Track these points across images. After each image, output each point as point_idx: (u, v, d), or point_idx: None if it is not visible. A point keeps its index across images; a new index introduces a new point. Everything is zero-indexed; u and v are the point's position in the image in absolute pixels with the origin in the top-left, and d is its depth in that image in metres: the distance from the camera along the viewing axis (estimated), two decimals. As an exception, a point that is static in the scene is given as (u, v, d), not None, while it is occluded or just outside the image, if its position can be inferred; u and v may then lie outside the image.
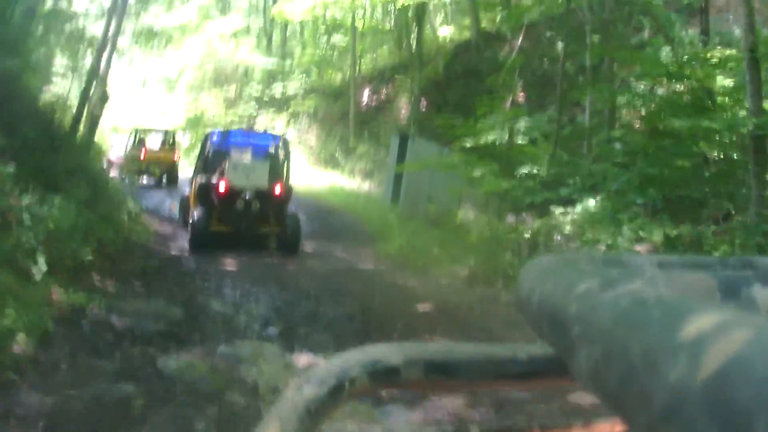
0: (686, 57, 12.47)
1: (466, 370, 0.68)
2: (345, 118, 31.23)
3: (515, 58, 21.87)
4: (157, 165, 24.48)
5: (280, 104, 34.28)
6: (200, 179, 13.44)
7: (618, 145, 13.50)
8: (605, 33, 15.80)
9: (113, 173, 21.65)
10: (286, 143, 15.36)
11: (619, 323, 0.42)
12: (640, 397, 0.37)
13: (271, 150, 14.78)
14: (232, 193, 12.60)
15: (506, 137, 15.09)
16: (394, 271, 12.59)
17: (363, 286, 10.93)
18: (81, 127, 15.61)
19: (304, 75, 35.50)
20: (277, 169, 13.87)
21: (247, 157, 13.47)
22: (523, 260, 10.10)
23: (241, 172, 12.78)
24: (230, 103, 35.14)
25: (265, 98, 35.04)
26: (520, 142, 15.18)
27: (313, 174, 28.18)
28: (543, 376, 0.69)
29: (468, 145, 15.38)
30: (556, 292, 0.54)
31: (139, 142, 25.26)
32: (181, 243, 13.86)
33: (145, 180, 24.64)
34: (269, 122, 33.37)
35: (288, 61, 35.96)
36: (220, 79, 36.47)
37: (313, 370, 0.66)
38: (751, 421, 0.29)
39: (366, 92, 31.83)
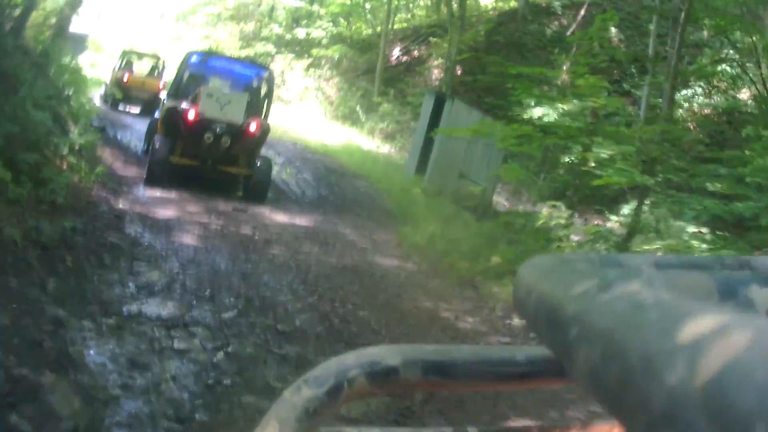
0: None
1: (465, 372, 0.67)
2: (370, 74, 28.14)
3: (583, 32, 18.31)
4: (142, 92, 21.47)
5: (302, 49, 30.26)
6: (170, 103, 11.87)
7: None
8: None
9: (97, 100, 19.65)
10: (271, 77, 13.84)
11: (617, 325, 0.40)
12: (638, 399, 0.35)
13: (254, 82, 13.33)
14: (202, 124, 11.09)
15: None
16: (428, 278, 8.77)
17: (385, 313, 6.99)
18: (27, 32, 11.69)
19: (332, 23, 31.39)
20: (256, 104, 12.59)
21: (225, 86, 11.98)
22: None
23: (216, 102, 11.20)
24: (247, 41, 31.05)
25: (285, 40, 31.02)
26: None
27: (329, 128, 24.87)
28: (541, 377, 0.68)
29: (527, 116, 12.89)
30: (554, 292, 0.52)
31: (126, 66, 22.65)
32: (136, 191, 10.70)
33: (127, 108, 22.11)
34: (286, 65, 29.56)
35: (315, 6, 31.92)
36: (239, 15, 32.33)
37: (312, 370, 0.64)
38: (751, 425, 0.28)
39: (396, 50, 29.28)
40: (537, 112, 12.91)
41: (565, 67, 21.30)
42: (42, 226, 7.00)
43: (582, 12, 25.28)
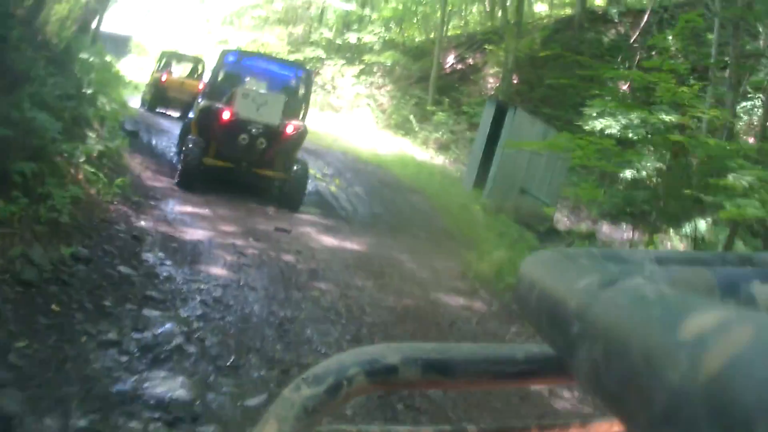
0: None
1: (464, 370, 0.66)
2: (424, 82, 27.10)
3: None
4: (181, 94, 19.99)
5: (352, 55, 28.81)
6: (204, 103, 11.39)
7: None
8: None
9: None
10: (309, 77, 13.21)
11: (619, 321, 0.40)
12: (640, 397, 0.35)
13: (292, 83, 12.73)
14: (237, 125, 10.72)
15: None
16: (503, 324, 7.21)
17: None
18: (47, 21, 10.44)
19: (383, 28, 29.89)
20: (294, 105, 11.75)
21: (262, 86, 11.64)
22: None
23: (252, 103, 10.76)
24: (296, 45, 29.64)
25: (335, 45, 29.57)
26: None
27: (381, 137, 23.48)
28: (541, 375, 0.68)
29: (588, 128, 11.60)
30: (556, 288, 0.52)
31: (164, 67, 21.47)
32: (164, 205, 9.30)
33: (165, 110, 20.89)
34: (336, 72, 28.03)
35: (367, 10, 30.47)
36: (287, 18, 30.94)
37: (311, 369, 0.64)
38: (753, 421, 0.28)
39: (450, 57, 28.01)
40: (598, 123, 11.75)
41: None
42: (33, 255, 5.51)
43: (645, 18, 23.62)
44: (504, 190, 15.50)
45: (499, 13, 28.57)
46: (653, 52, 21.24)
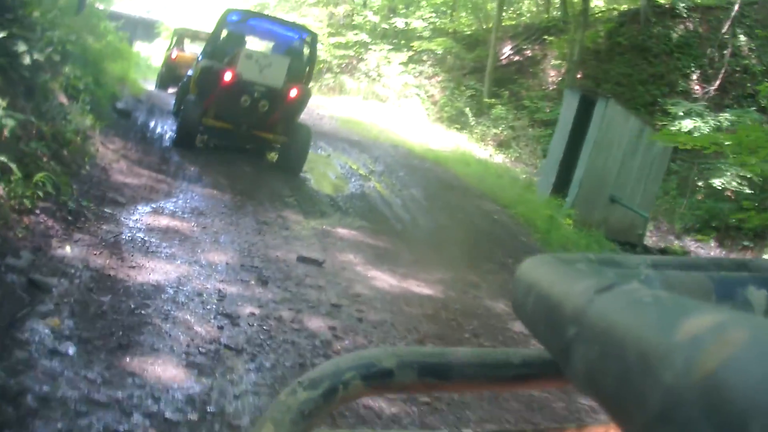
0: None
1: (460, 374, 0.65)
2: (478, 73, 23.68)
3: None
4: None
5: (399, 41, 25.25)
6: (205, 63, 10.65)
7: None
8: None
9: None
10: (314, 40, 12.18)
11: (614, 324, 0.40)
12: (635, 399, 0.35)
13: (297, 45, 12.00)
14: (239, 86, 9.97)
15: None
16: None
17: None
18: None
19: (434, 14, 26.19)
20: (298, 68, 10.98)
21: (266, 47, 12.13)
22: None
23: (255, 64, 10.05)
24: (336, 28, 26.00)
25: (381, 30, 25.98)
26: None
27: (433, 131, 19.84)
28: (537, 379, 0.67)
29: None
30: (552, 292, 0.51)
31: (176, 45, 19.33)
32: (125, 213, 6.12)
33: (175, 89, 18.59)
34: (382, 59, 24.37)
35: (417, -6, 26.96)
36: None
37: (307, 373, 0.62)
38: (747, 422, 0.28)
39: (507, 48, 24.92)
40: (687, 123, 11.26)
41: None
42: None
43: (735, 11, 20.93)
44: (591, 198, 12.56)
45: (556, 4, 25.96)
46: (725, 51, 20.49)
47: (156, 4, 36.52)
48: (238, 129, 10.51)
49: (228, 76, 10.04)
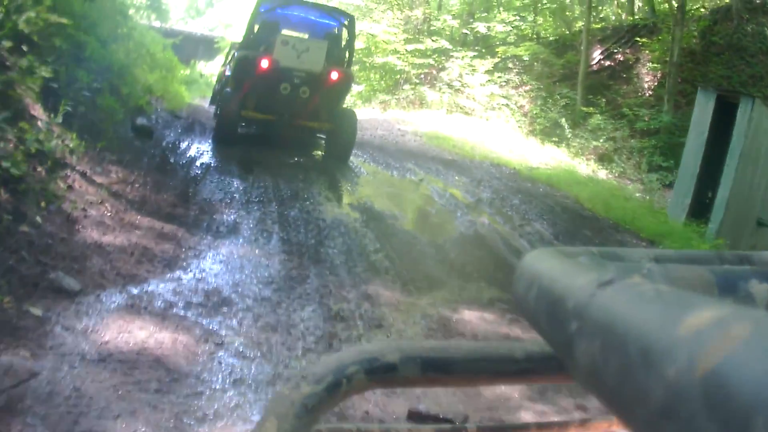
0: None
1: (463, 368, 0.65)
2: (568, 80, 21.74)
3: None
4: None
5: (481, 48, 23.21)
6: (241, 53, 10.31)
7: None
8: None
9: None
10: (352, 23, 11.57)
11: (616, 319, 0.40)
12: (638, 393, 0.35)
13: (334, 30, 11.54)
14: (277, 74, 9.68)
15: None
16: None
17: None
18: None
19: (517, 16, 24.08)
20: (337, 52, 10.80)
21: (302, 32, 11.52)
22: None
23: (292, 50, 9.76)
24: (413, 34, 23.99)
25: (458, 36, 23.98)
26: None
27: (528, 146, 17.50)
28: (540, 373, 0.67)
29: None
30: (554, 286, 0.51)
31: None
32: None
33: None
34: (465, 67, 22.18)
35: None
36: (401, 2, 25.20)
37: (310, 366, 0.61)
38: (750, 417, 0.28)
39: (596, 53, 23.02)
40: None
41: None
42: None
43: None
44: (738, 223, 10.48)
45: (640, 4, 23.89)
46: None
47: (220, 21, 35.69)
48: (280, 119, 10.10)
49: (265, 64, 9.66)
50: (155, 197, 6.30)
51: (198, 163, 8.45)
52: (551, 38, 24.32)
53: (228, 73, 11.72)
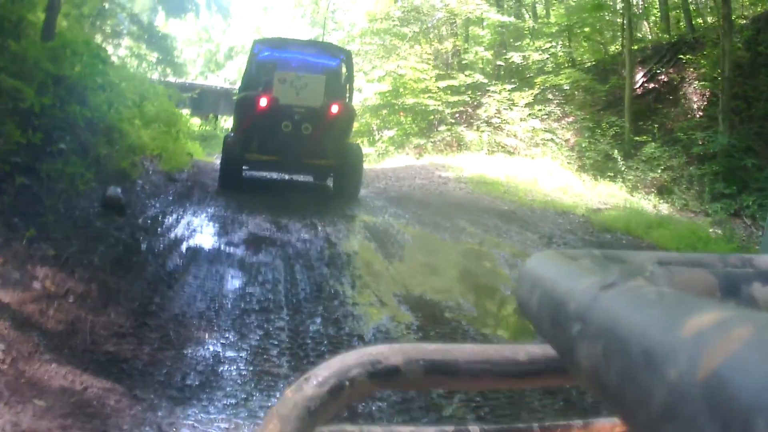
0: None
1: (466, 371, 0.66)
2: (611, 107, 20.53)
3: None
4: None
5: (518, 79, 22.02)
6: (239, 95, 10.93)
7: None
8: None
9: None
10: (349, 58, 12.00)
11: (619, 321, 0.40)
12: (640, 395, 0.36)
13: (332, 65, 11.74)
14: (277, 112, 9.79)
15: None
16: None
17: None
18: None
19: (553, 42, 22.87)
20: (336, 87, 10.92)
21: (299, 69, 10.87)
22: None
23: (290, 87, 9.85)
24: (444, 69, 22.70)
25: (491, 69, 22.83)
26: None
27: (582, 185, 16.17)
28: (543, 375, 0.68)
29: None
30: (557, 289, 0.52)
31: None
32: None
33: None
34: (504, 101, 20.99)
35: (530, 21, 23.75)
36: (425, 34, 23.99)
37: (314, 369, 0.63)
38: (752, 419, 0.29)
39: (638, 75, 21.66)
40: None
41: None
42: None
43: None
44: None
45: (678, 22, 22.79)
46: None
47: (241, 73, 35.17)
48: (285, 159, 10.14)
49: (264, 102, 9.77)
50: (94, 321, 4.22)
51: (180, 249, 6.57)
52: (588, 63, 23.09)
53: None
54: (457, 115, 21.71)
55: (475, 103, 21.44)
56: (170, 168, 10.56)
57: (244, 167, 10.26)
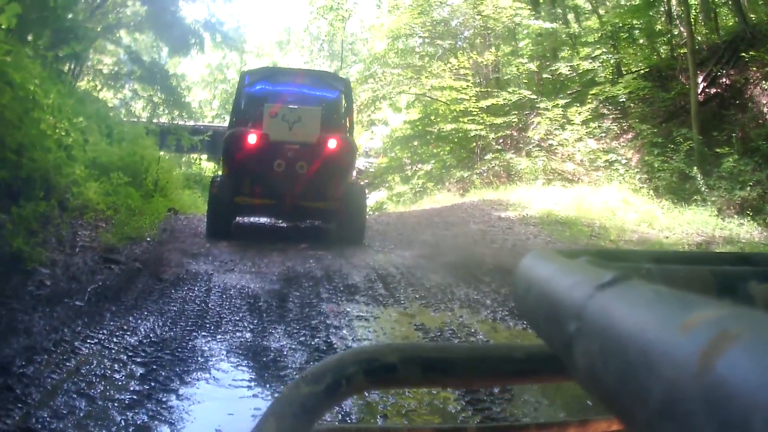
0: None
1: (463, 369, 0.67)
2: (675, 117, 18.82)
3: None
4: None
5: (568, 94, 20.19)
6: (227, 134, 10.09)
7: None
8: None
9: None
10: (347, 87, 11.47)
11: (615, 319, 0.41)
12: (637, 394, 0.36)
13: (329, 95, 11.09)
14: (269, 150, 9.22)
15: None
16: None
17: None
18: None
19: (603, 49, 20.87)
20: (334, 119, 10.43)
21: (292, 101, 10.07)
22: None
23: (282, 122, 9.28)
24: (485, 86, 20.73)
25: (536, 83, 21.13)
26: None
27: (662, 213, 14.27)
28: (539, 374, 0.69)
29: None
30: (553, 287, 0.53)
31: None
32: None
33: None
34: (556, 119, 19.14)
35: (575, 26, 22.02)
36: (455, 48, 22.24)
37: (310, 367, 0.63)
38: (748, 417, 0.29)
39: (698, 79, 19.67)
40: None
41: None
42: None
43: None
44: None
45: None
46: None
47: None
48: (281, 203, 9.54)
49: (253, 139, 9.32)
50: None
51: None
52: (641, 71, 21.18)
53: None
54: (501, 140, 19.80)
55: (521, 125, 19.48)
56: (120, 237, 7.95)
57: (235, 213, 9.86)
